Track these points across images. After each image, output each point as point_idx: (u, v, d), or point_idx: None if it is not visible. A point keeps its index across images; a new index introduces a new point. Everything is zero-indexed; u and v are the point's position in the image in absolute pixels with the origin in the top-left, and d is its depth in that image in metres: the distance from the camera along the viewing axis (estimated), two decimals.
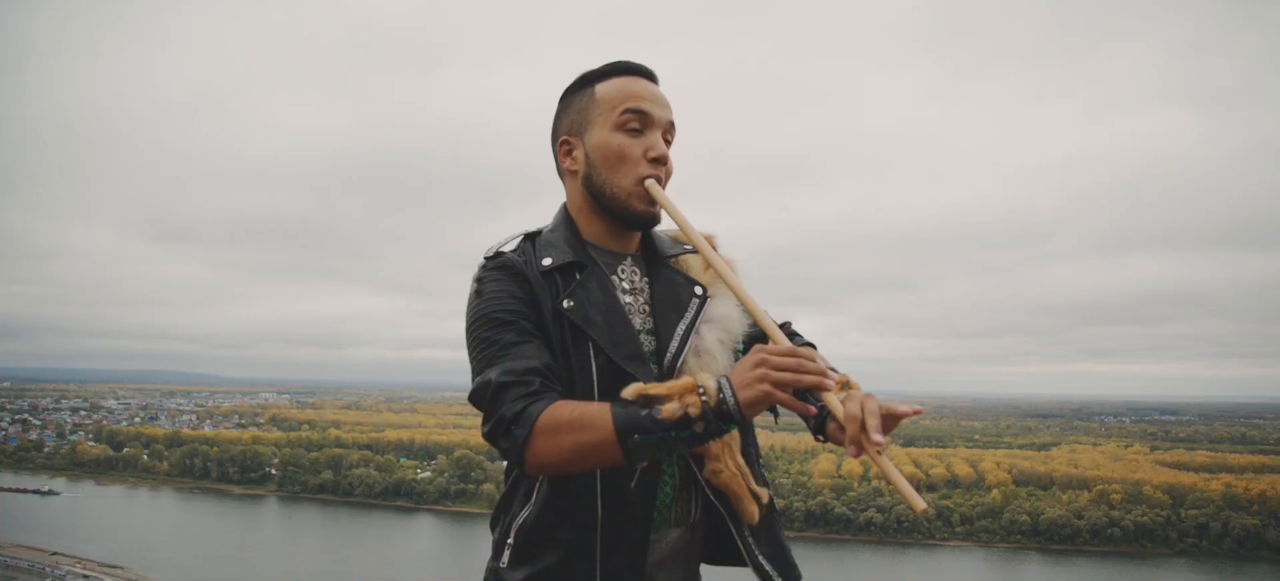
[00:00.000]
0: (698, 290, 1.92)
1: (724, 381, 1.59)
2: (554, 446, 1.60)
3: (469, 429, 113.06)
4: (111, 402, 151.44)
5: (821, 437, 1.81)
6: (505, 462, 1.87)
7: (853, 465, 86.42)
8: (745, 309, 1.81)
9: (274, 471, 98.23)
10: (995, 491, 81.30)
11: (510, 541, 1.82)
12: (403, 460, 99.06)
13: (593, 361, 1.75)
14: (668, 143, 1.94)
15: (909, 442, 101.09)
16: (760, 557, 1.87)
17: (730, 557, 1.92)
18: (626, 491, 1.75)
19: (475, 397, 1.71)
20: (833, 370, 1.70)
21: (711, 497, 1.86)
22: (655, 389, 1.61)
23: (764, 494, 1.90)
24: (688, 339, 1.83)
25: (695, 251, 2.00)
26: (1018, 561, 72.46)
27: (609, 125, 1.87)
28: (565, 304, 1.78)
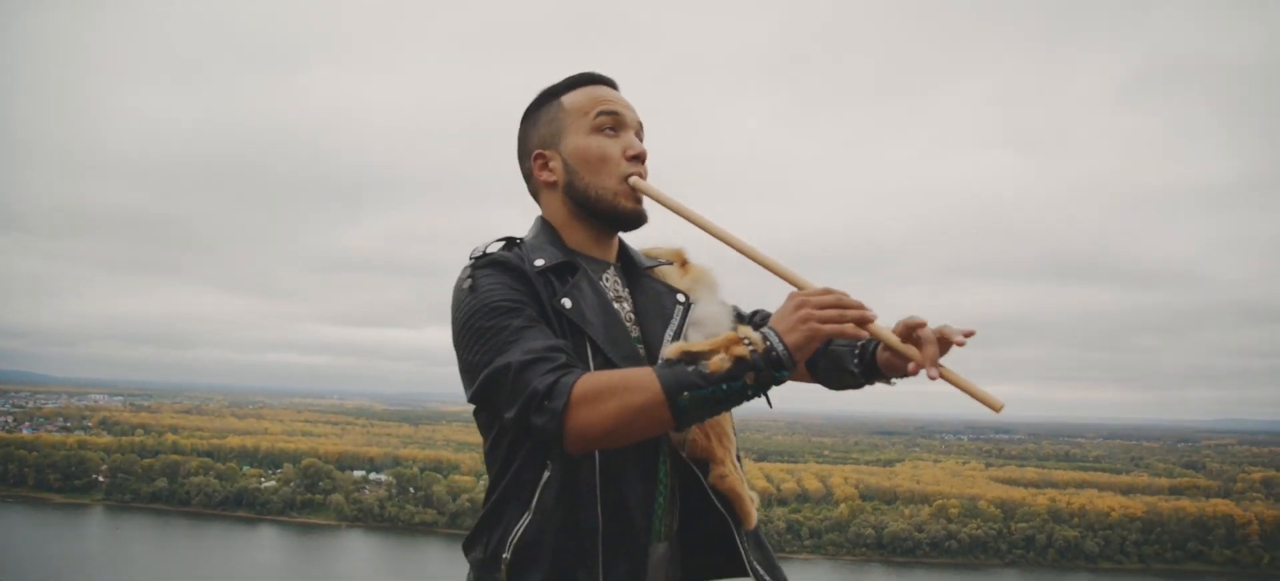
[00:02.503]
0: (681, 298, 1.92)
1: (768, 330, 1.55)
2: (597, 413, 1.52)
3: (318, 436, 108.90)
4: None
5: (866, 380, 1.83)
6: (496, 475, 1.77)
7: None
8: (764, 266, 1.75)
9: (101, 479, 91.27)
10: (843, 505, 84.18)
11: (506, 554, 1.70)
12: (246, 468, 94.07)
13: (591, 362, 1.71)
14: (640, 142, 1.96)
15: (762, 457, 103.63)
16: (756, 564, 1.82)
17: (706, 572, 1.87)
18: (627, 500, 1.70)
19: (489, 386, 1.62)
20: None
21: (717, 504, 1.81)
22: (697, 346, 1.57)
23: (756, 498, 1.88)
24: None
25: (671, 264, 2.03)
26: (863, 573, 75.30)
27: (584, 130, 1.89)
28: (564, 302, 1.74)
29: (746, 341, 1.54)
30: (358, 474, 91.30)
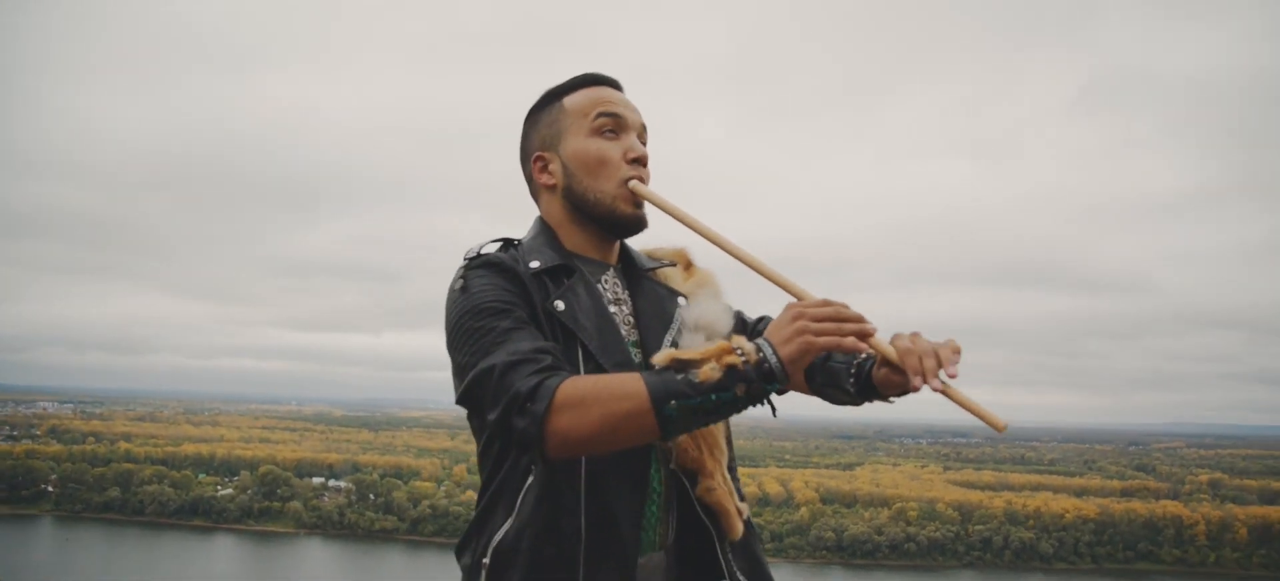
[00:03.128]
0: (681, 301, 1.89)
1: (762, 341, 1.50)
2: (580, 418, 1.46)
3: (276, 443, 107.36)
4: None
5: (862, 399, 1.77)
6: (486, 479, 1.74)
7: None
8: (762, 274, 1.70)
9: (51, 489, 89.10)
10: (804, 509, 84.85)
11: (485, 561, 1.67)
12: (201, 476, 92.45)
13: (582, 367, 1.66)
14: (642, 145, 1.91)
15: None
16: (739, 575, 1.77)
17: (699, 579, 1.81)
18: (613, 508, 1.65)
19: (474, 388, 1.57)
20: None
21: (702, 516, 1.76)
22: (688, 353, 1.51)
23: (744, 509, 1.83)
24: (676, 346, 1.77)
25: (673, 265, 2.00)
26: (823, 576, 75.98)
27: (584, 132, 1.85)
28: (557, 305, 1.70)
29: (739, 351, 1.49)
30: (317, 480, 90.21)
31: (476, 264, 1.74)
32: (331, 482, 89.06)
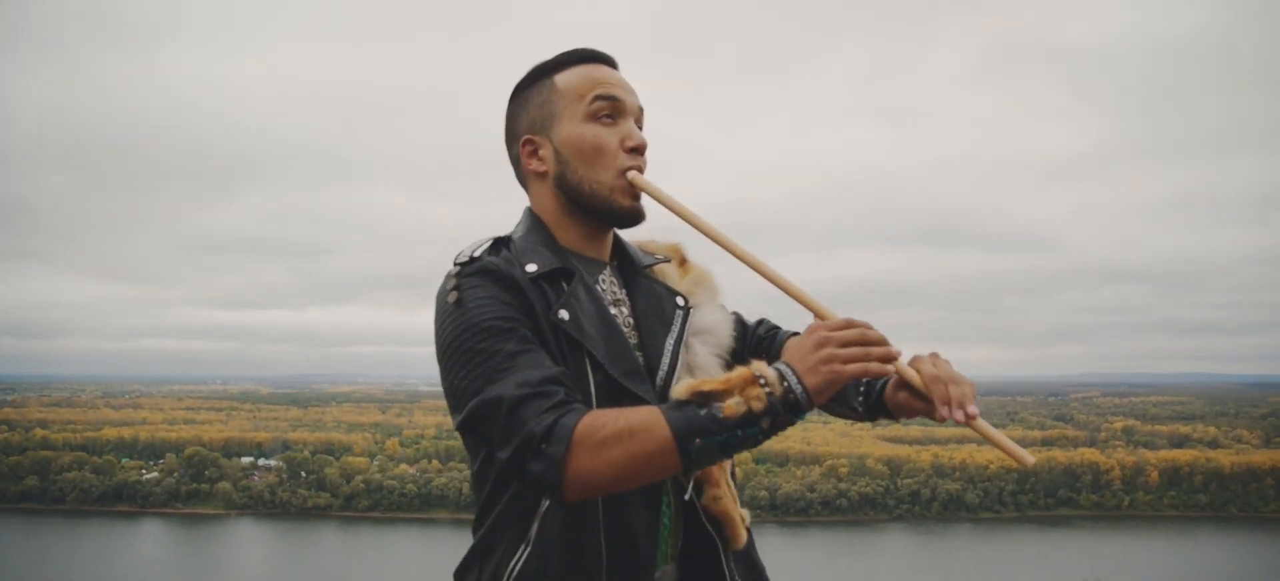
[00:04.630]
0: (680, 301, 1.77)
1: (785, 368, 1.40)
2: (601, 461, 1.37)
3: (201, 424, 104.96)
4: None
5: (870, 417, 1.73)
6: (486, 501, 1.64)
7: None
8: (781, 289, 1.60)
9: None
10: (737, 469, 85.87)
11: None
12: (124, 461, 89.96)
13: (590, 378, 1.55)
14: (640, 130, 1.77)
15: None
16: None
17: None
18: (632, 527, 1.57)
19: (479, 420, 1.46)
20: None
21: (706, 525, 1.69)
22: (709, 384, 1.41)
23: (747, 516, 1.79)
24: (678, 354, 1.68)
25: (669, 261, 1.87)
26: (757, 534, 76.84)
27: (579, 116, 1.68)
28: (561, 315, 1.57)
29: (762, 381, 1.38)
30: (246, 460, 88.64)
31: (471, 271, 1.58)
32: (261, 462, 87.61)
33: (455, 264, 1.61)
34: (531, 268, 1.60)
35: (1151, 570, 65.41)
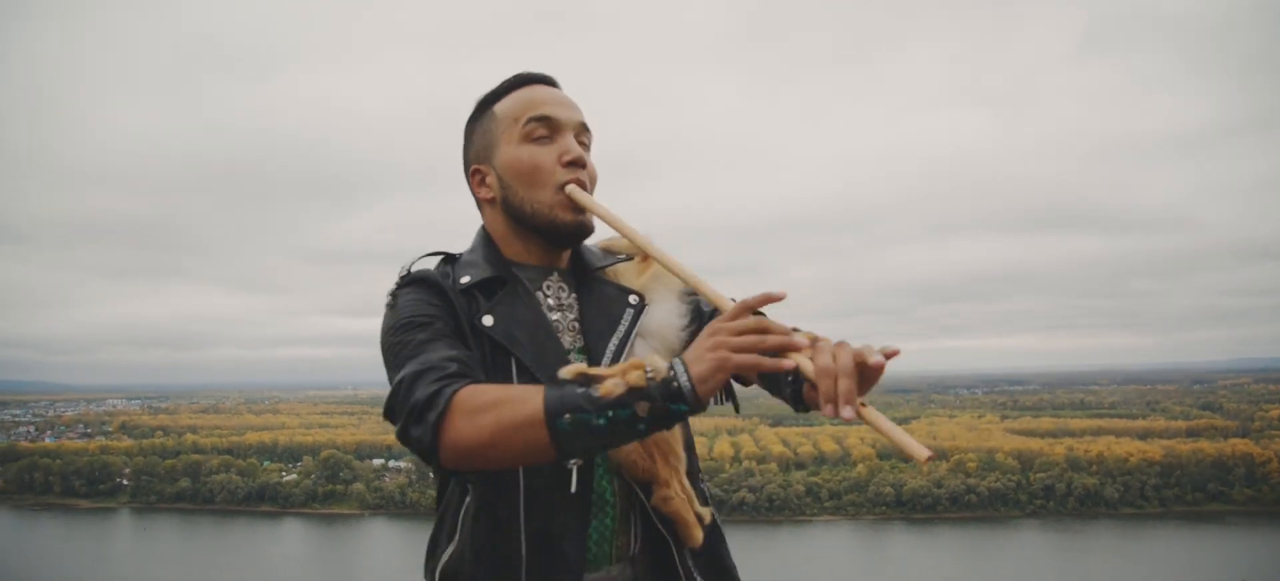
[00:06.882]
0: (633, 300, 1.77)
1: (676, 359, 1.37)
2: (472, 426, 1.36)
3: (335, 428, 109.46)
4: None
5: (799, 409, 1.67)
6: (439, 497, 1.72)
7: (724, 447, 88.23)
8: (689, 284, 1.62)
9: (126, 482, 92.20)
10: (860, 465, 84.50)
11: None
12: (266, 463, 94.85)
13: (516, 380, 1.60)
14: (584, 146, 1.78)
15: (777, 423, 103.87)
16: (699, 579, 1.73)
17: None
18: (552, 527, 1.59)
19: (390, 400, 1.49)
20: (796, 331, 1.45)
21: (658, 526, 1.70)
22: (596, 369, 1.41)
23: (707, 514, 1.76)
24: (622, 354, 1.69)
25: (629, 260, 1.86)
26: (884, 531, 75.67)
27: (515, 139, 1.73)
28: (485, 320, 1.63)
29: (649, 369, 1.35)
30: (377, 462, 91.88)
31: (406, 281, 1.68)
32: (391, 463, 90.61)
33: (398, 277, 1.71)
34: (465, 279, 1.68)
35: None
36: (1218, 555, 63.60)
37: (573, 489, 1.61)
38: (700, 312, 1.86)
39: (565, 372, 1.42)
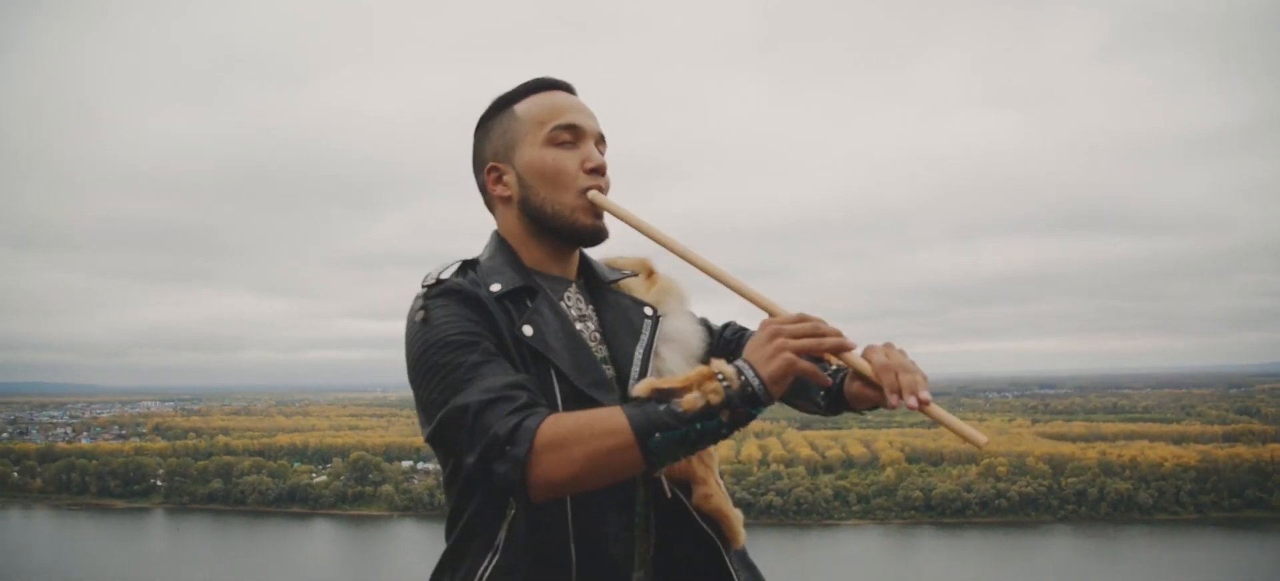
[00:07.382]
0: (648, 311, 1.84)
1: (742, 363, 1.44)
2: (563, 459, 1.40)
3: (365, 430, 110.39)
4: None
5: (835, 409, 1.75)
6: (455, 508, 1.69)
7: (751, 450, 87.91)
8: (731, 287, 1.64)
9: (159, 483, 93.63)
10: (889, 469, 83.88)
11: None
12: (296, 465, 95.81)
13: (556, 390, 1.61)
14: (600, 154, 1.83)
15: (805, 426, 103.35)
16: None
17: None
18: (603, 531, 1.61)
19: (447, 428, 1.50)
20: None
21: (702, 525, 1.72)
22: (668, 382, 1.45)
23: (741, 515, 1.78)
24: (648, 362, 1.74)
25: (635, 275, 1.94)
26: (913, 535, 75.08)
27: (539, 142, 1.76)
28: (525, 330, 1.63)
29: (720, 377, 1.42)
30: (406, 464, 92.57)
31: (436, 292, 1.65)
32: (420, 465, 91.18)
33: (423, 286, 1.68)
34: (496, 287, 1.68)
35: None
36: (1256, 563, 62.49)
37: (629, 492, 1.64)
38: (711, 328, 1.96)
39: (640, 389, 1.46)
